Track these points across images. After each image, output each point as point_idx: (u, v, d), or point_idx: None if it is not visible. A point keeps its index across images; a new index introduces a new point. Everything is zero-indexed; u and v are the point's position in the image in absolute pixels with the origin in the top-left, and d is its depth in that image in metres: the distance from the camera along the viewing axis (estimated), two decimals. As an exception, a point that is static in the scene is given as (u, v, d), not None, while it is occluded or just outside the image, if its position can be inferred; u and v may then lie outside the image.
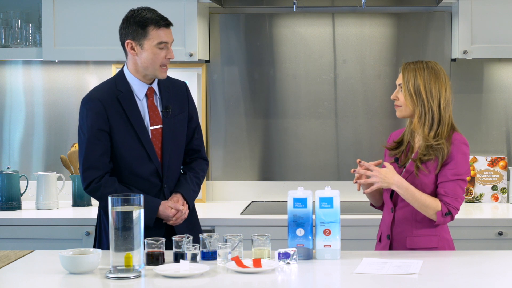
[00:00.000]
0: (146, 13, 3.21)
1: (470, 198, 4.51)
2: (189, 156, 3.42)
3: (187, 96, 3.39)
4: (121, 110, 3.21)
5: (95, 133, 3.20)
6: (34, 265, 2.93)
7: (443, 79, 3.12)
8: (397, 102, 3.16)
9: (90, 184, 3.22)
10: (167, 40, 3.20)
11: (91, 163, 3.20)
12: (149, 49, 3.19)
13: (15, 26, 4.49)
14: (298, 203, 2.94)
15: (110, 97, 3.22)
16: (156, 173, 3.26)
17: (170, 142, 3.28)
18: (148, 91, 3.26)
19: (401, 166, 3.16)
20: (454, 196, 3.05)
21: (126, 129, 3.21)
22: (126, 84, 3.25)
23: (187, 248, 2.88)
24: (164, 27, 3.20)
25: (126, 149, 3.22)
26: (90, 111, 3.21)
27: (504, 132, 4.59)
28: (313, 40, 4.64)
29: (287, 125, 4.66)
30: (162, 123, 3.27)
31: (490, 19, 4.24)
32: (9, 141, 4.75)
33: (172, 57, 3.22)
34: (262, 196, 4.67)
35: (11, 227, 4.16)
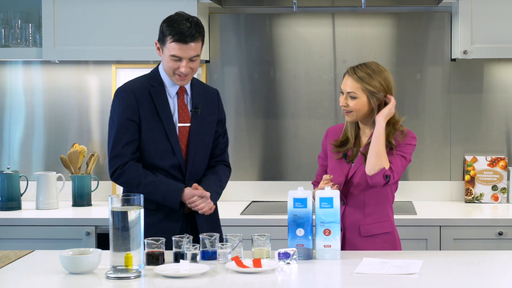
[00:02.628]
0: (176, 22, 3.21)
1: (470, 198, 4.51)
2: (213, 159, 3.44)
3: (218, 103, 3.44)
4: (152, 104, 3.27)
5: (124, 123, 3.26)
6: (34, 265, 2.93)
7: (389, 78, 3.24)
8: (347, 108, 3.22)
9: (115, 172, 3.26)
10: (181, 56, 3.20)
11: (118, 152, 3.26)
12: (166, 56, 3.24)
13: (15, 26, 4.49)
14: (298, 203, 2.94)
15: (143, 90, 3.28)
16: (179, 168, 3.29)
17: (196, 141, 3.32)
18: (179, 90, 3.31)
19: (349, 161, 3.25)
20: (396, 168, 3.16)
21: (154, 123, 3.27)
22: (159, 80, 3.31)
23: (187, 248, 2.88)
24: (180, 42, 3.18)
25: (152, 141, 3.27)
26: (122, 101, 3.27)
27: (504, 132, 4.59)
28: (313, 40, 4.64)
29: (287, 125, 4.66)
30: (190, 122, 3.31)
31: (490, 19, 4.24)
32: (9, 141, 4.75)
33: (183, 72, 3.21)
34: (262, 196, 4.67)
35: (11, 227, 4.16)
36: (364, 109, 3.21)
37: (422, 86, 4.60)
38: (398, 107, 4.59)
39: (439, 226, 4.03)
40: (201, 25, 3.26)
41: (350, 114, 3.22)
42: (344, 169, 3.26)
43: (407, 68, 4.60)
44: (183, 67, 3.21)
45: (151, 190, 3.22)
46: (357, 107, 3.20)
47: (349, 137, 3.28)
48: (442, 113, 4.60)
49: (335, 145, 3.30)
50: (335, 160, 3.29)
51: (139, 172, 3.25)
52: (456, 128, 4.60)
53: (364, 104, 3.20)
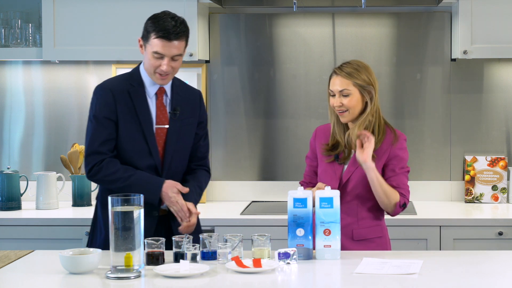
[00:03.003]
0: (160, 19, 3.20)
1: (470, 198, 4.51)
2: (193, 162, 3.41)
3: (200, 105, 3.41)
4: (130, 103, 3.25)
5: (101, 121, 3.24)
6: (34, 265, 2.93)
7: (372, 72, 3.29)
8: (342, 108, 3.21)
9: (92, 169, 3.24)
10: (163, 53, 3.17)
11: (94, 149, 3.24)
12: (148, 54, 3.21)
13: (15, 26, 4.49)
14: (298, 203, 2.94)
15: (122, 89, 3.26)
16: (155, 169, 3.27)
17: (174, 143, 3.29)
18: (158, 91, 3.29)
19: (341, 163, 3.25)
20: (406, 188, 3.23)
21: (132, 123, 3.25)
22: (139, 80, 3.29)
23: (187, 248, 2.88)
24: (164, 39, 3.16)
25: (129, 141, 3.25)
26: (100, 99, 3.26)
27: (504, 132, 4.59)
28: (313, 40, 4.64)
29: (287, 125, 4.66)
30: (168, 124, 3.29)
31: (490, 19, 4.24)
32: (9, 141, 4.76)
33: (164, 70, 3.19)
34: (262, 196, 4.67)
35: (11, 227, 4.16)
36: (358, 106, 3.21)
37: (422, 86, 4.60)
38: (398, 107, 4.61)
39: (439, 226, 4.03)
40: (186, 25, 3.23)
41: (345, 114, 3.21)
42: (337, 171, 3.25)
43: (407, 68, 4.60)
44: (164, 65, 3.18)
45: (131, 182, 3.18)
46: (352, 104, 3.19)
47: (339, 140, 3.27)
48: (442, 113, 4.60)
49: (326, 149, 3.29)
50: (326, 163, 3.28)
51: (118, 167, 3.22)
52: (456, 128, 4.60)
53: (359, 100, 3.21)
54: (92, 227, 3.40)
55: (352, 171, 3.22)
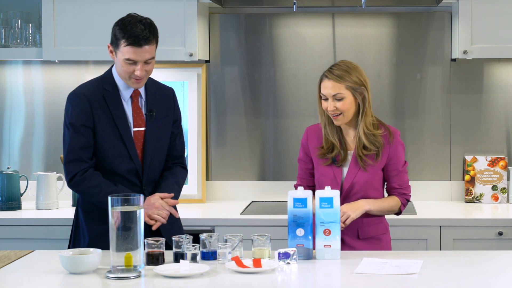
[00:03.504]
0: (128, 24, 3.17)
1: (470, 198, 4.51)
2: (170, 161, 3.40)
3: (173, 103, 3.40)
4: (106, 108, 3.23)
5: (79, 128, 3.22)
6: (34, 265, 2.93)
7: (363, 71, 3.26)
8: (336, 111, 3.20)
9: (74, 177, 3.22)
10: (136, 59, 3.15)
11: (74, 156, 3.22)
12: (120, 60, 3.19)
13: (15, 26, 4.49)
14: (298, 203, 2.94)
15: (96, 94, 3.24)
16: (136, 173, 3.26)
17: (152, 145, 3.28)
18: (133, 93, 3.27)
19: (340, 165, 3.25)
20: (407, 185, 3.33)
21: (109, 127, 3.23)
22: (113, 84, 3.27)
23: (187, 248, 2.88)
24: (134, 46, 3.14)
25: (108, 146, 3.23)
26: (75, 107, 3.23)
27: (504, 132, 4.59)
28: (313, 40, 4.64)
29: (287, 125, 4.66)
30: (145, 126, 3.28)
31: (490, 19, 4.24)
32: (9, 141, 4.76)
33: (138, 75, 3.16)
34: (262, 196, 4.67)
35: (11, 227, 4.16)
36: (352, 108, 3.21)
37: (422, 86, 4.60)
38: (398, 107, 4.61)
39: (439, 226, 4.03)
40: (154, 27, 3.21)
41: (340, 117, 3.20)
42: (338, 175, 3.24)
43: (407, 68, 4.60)
44: (138, 70, 3.16)
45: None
46: (346, 107, 3.19)
47: (334, 142, 3.26)
48: (442, 113, 4.60)
49: (322, 153, 3.28)
50: (324, 166, 3.27)
51: (100, 180, 3.20)
52: (456, 128, 4.60)
53: (352, 103, 3.20)
54: (73, 232, 3.36)
55: (355, 173, 3.23)
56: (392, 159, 3.25)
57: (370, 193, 3.24)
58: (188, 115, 4.58)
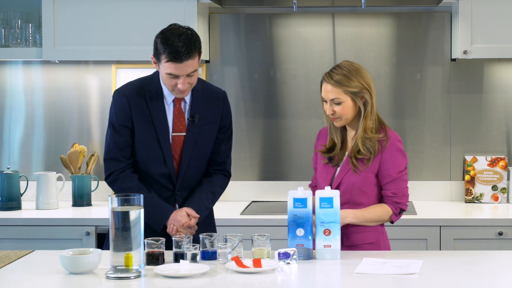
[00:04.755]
0: (169, 38, 3.07)
1: (470, 198, 4.51)
2: (212, 167, 3.37)
3: (223, 107, 3.34)
4: (147, 111, 3.22)
5: (118, 128, 3.24)
6: (34, 265, 2.93)
7: (366, 73, 3.17)
8: (335, 115, 3.15)
9: (111, 175, 3.26)
10: (177, 74, 3.09)
11: (112, 155, 3.25)
12: (163, 74, 3.14)
13: (15, 26, 4.49)
14: (298, 203, 2.94)
15: (139, 95, 3.23)
16: (169, 178, 3.25)
17: (190, 151, 3.25)
18: (176, 98, 3.24)
19: (335, 165, 3.21)
20: (402, 193, 3.16)
21: (148, 130, 3.22)
22: (157, 86, 3.24)
23: (187, 248, 2.88)
24: (176, 62, 3.07)
25: (144, 148, 3.24)
26: (116, 106, 3.25)
27: (504, 132, 4.59)
28: (313, 40, 4.64)
29: (287, 125, 4.66)
30: (186, 131, 3.25)
31: (490, 19, 4.24)
32: (9, 141, 4.76)
33: (180, 89, 3.11)
34: (262, 196, 4.67)
35: (11, 227, 4.16)
36: (351, 112, 3.15)
37: (422, 86, 4.60)
38: (398, 107, 4.61)
39: (439, 226, 4.03)
40: (195, 39, 3.11)
41: (338, 120, 3.16)
42: (329, 174, 3.21)
43: (407, 68, 4.60)
44: (180, 84, 3.11)
45: None
46: (345, 111, 3.13)
47: (336, 141, 3.23)
48: (442, 113, 4.60)
49: (323, 151, 3.26)
50: (322, 165, 3.26)
51: (133, 184, 3.22)
52: (456, 128, 4.60)
53: (351, 107, 3.13)
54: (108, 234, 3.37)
55: (343, 175, 3.17)
56: (384, 164, 3.14)
57: (357, 197, 3.16)
58: (188, 115, 4.58)
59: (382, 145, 3.14)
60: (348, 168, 3.16)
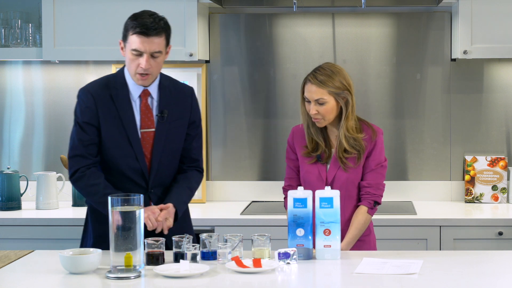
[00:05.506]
0: (138, 17, 3.13)
1: (470, 198, 4.51)
2: (186, 164, 3.34)
3: (191, 103, 3.31)
4: (113, 107, 3.18)
5: (83, 125, 3.19)
6: (34, 265, 2.93)
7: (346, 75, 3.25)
8: (317, 116, 3.21)
9: (76, 173, 3.19)
10: (142, 49, 3.08)
11: (77, 152, 3.18)
12: (127, 53, 3.13)
13: (15, 26, 4.49)
14: (298, 203, 2.94)
15: (104, 93, 3.20)
16: (142, 175, 3.21)
17: (162, 147, 3.22)
18: (142, 93, 3.21)
19: (324, 162, 3.27)
20: (376, 185, 3.26)
21: (116, 127, 3.18)
22: (123, 82, 3.22)
23: (187, 248, 2.88)
24: (142, 35, 3.08)
25: (113, 145, 3.19)
26: (81, 104, 3.21)
27: (504, 132, 4.59)
28: (313, 40, 4.64)
29: (287, 125, 4.66)
30: (155, 127, 3.22)
31: (490, 19, 4.24)
32: (9, 141, 4.76)
33: (144, 67, 3.09)
34: (262, 196, 4.67)
35: (11, 227, 4.16)
36: (334, 112, 3.22)
37: (422, 86, 4.60)
38: (398, 107, 4.61)
39: (439, 226, 4.03)
40: (167, 23, 3.15)
41: (321, 121, 3.22)
42: (322, 172, 3.26)
43: (407, 68, 4.60)
44: (143, 62, 3.08)
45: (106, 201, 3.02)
46: (328, 112, 3.20)
47: (318, 141, 3.27)
48: (442, 113, 4.60)
49: (307, 153, 3.29)
50: (309, 165, 3.29)
51: (100, 181, 3.16)
52: (456, 128, 4.60)
53: (334, 107, 3.20)
54: (83, 231, 3.36)
55: (335, 171, 3.24)
56: (369, 157, 3.25)
57: (352, 191, 3.25)
58: (188, 115, 4.58)
59: (371, 140, 3.25)
60: (337, 166, 3.24)
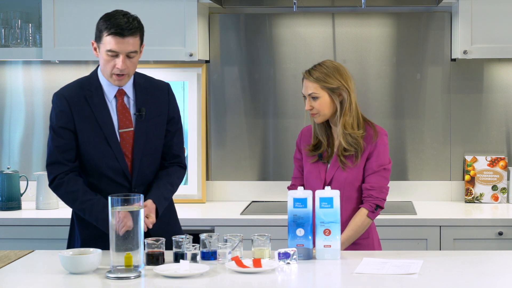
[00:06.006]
0: (112, 17, 3.10)
1: (470, 198, 4.51)
2: (167, 160, 3.30)
3: (168, 99, 3.28)
4: (89, 110, 3.14)
5: (59, 130, 3.15)
6: (34, 265, 2.93)
7: (345, 72, 3.25)
8: (313, 111, 3.24)
9: (54, 180, 3.15)
10: (117, 50, 3.06)
11: (54, 159, 3.14)
12: (102, 54, 3.10)
13: (15, 26, 4.49)
14: (298, 203, 2.94)
15: (78, 96, 3.16)
16: (123, 175, 3.17)
17: (142, 146, 3.18)
18: (117, 93, 3.17)
19: (325, 162, 3.27)
20: (379, 188, 3.21)
21: (93, 130, 3.14)
22: (97, 84, 3.18)
23: (187, 248, 2.88)
24: (117, 36, 3.05)
25: (92, 148, 3.15)
26: (56, 109, 3.17)
27: (504, 132, 4.59)
28: (313, 40, 4.64)
29: (287, 125, 4.66)
30: (134, 126, 3.18)
31: (490, 19, 4.24)
32: (9, 141, 4.76)
33: (120, 68, 3.06)
34: (262, 196, 4.67)
35: (11, 227, 4.16)
36: (329, 108, 3.23)
37: (422, 86, 4.60)
38: (398, 107, 4.61)
39: (439, 226, 4.03)
40: (140, 22, 3.13)
41: (317, 116, 3.25)
42: (321, 171, 3.26)
43: (407, 68, 4.60)
44: (120, 62, 3.05)
45: (85, 208, 3.08)
46: (322, 107, 3.22)
47: (321, 139, 3.29)
48: (442, 113, 4.60)
49: (310, 150, 3.31)
50: (311, 164, 3.30)
51: (78, 187, 3.12)
52: (456, 128, 4.60)
53: (328, 102, 3.22)
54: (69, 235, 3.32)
55: (334, 171, 3.24)
56: (370, 158, 3.22)
57: (350, 193, 3.22)
58: (188, 115, 4.58)
59: (372, 142, 3.22)
60: (336, 166, 3.24)
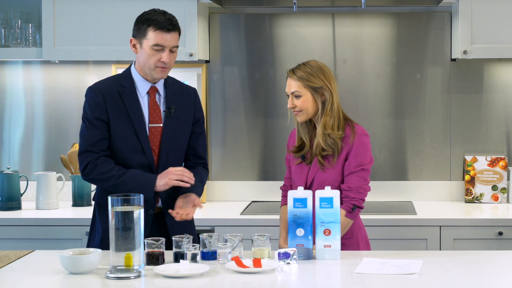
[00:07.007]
0: (153, 15, 3.24)
1: (470, 198, 4.51)
2: (192, 160, 3.42)
3: (195, 101, 3.41)
4: (121, 104, 3.26)
5: (93, 121, 3.25)
6: (34, 265, 2.93)
7: (329, 73, 3.26)
8: (295, 109, 3.25)
9: (87, 167, 3.24)
10: (164, 44, 3.21)
11: (87, 147, 3.24)
12: (146, 49, 3.23)
13: (15, 26, 4.49)
14: (298, 203, 2.94)
15: (112, 90, 3.28)
16: (150, 169, 3.26)
17: (169, 142, 3.29)
18: (150, 89, 3.29)
19: (308, 163, 3.27)
20: (356, 188, 3.19)
21: (124, 122, 3.25)
22: (130, 80, 3.30)
23: (187, 248, 2.88)
24: (164, 31, 3.21)
25: (122, 141, 3.26)
26: (90, 101, 3.28)
27: (504, 132, 4.59)
28: (313, 40, 4.64)
29: (287, 125, 4.66)
30: (162, 122, 3.29)
31: (490, 19, 4.24)
32: (9, 141, 4.76)
33: (166, 61, 3.22)
34: (262, 196, 4.67)
35: (11, 227, 4.16)
36: (311, 106, 3.23)
37: (422, 86, 4.60)
38: (398, 107, 4.61)
39: (439, 226, 4.03)
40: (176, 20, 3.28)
41: (300, 114, 3.25)
42: (304, 172, 3.27)
43: (407, 68, 4.60)
44: (165, 56, 3.21)
45: (124, 179, 3.17)
46: (304, 105, 3.23)
47: (304, 140, 3.30)
48: (442, 113, 4.60)
49: (294, 151, 3.32)
50: (296, 165, 3.32)
51: (112, 166, 3.22)
52: (456, 128, 4.60)
53: (310, 101, 3.23)
54: (91, 227, 3.40)
55: (315, 172, 3.24)
56: (348, 158, 3.21)
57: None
58: (188, 115, 4.58)
59: (349, 142, 3.21)
60: (317, 167, 3.24)
